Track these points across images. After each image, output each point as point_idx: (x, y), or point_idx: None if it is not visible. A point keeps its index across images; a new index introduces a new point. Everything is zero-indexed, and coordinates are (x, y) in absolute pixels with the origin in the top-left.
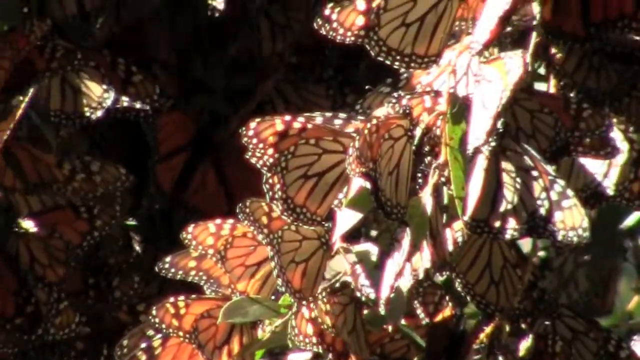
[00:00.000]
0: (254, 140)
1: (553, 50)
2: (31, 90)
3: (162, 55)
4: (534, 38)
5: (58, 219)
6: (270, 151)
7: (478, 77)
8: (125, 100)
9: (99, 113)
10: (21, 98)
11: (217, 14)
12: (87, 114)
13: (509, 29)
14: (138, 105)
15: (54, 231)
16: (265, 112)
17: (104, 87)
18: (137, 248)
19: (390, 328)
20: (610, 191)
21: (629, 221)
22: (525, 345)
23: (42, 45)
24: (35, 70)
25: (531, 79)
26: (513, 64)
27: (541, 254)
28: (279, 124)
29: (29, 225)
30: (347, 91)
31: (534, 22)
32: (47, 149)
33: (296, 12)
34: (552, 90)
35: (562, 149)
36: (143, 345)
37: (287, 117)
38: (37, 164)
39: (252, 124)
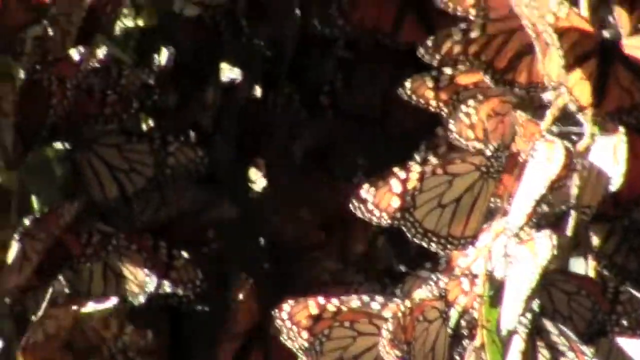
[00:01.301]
0: (288, 323)
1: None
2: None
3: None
4: (572, 219)
5: None
6: (305, 334)
7: (511, 258)
8: (167, 285)
9: (142, 298)
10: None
11: None
12: (129, 299)
13: (545, 209)
14: (180, 291)
15: None
16: None
17: (146, 271)
18: None
19: None
20: None
21: None
22: None
23: (78, 230)
24: (70, 255)
25: (568, 260)
26: (543, 246)
27: None
28: (312, 306)
29: None
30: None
31: (572, 203)
32: None
33: None
34: (591, 272)
35: (600, 330)
36: None
37: (321, 300)
38: None
39: (286, 307)
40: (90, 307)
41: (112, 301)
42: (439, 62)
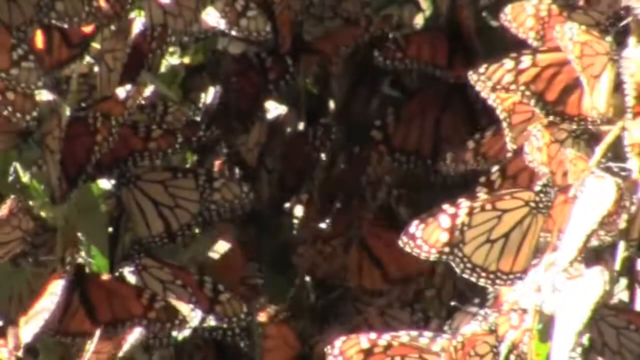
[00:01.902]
0: (340, 359)
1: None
2: None
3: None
4: (620, 252)
5: None
6: None
7: (561, 293)
8: (212, 319)
9: (186, 332)
10: None
11: None
12: (174, 333)
13: (595, 243)
14: (225, 325)
15: None
16: None
17: (191, 306)
18: None
19: None
20: None
21: None
22: None
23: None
24: (129, 312)
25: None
26: (594, 282)
27: None
28: (364, 342)
29: None
30: None
31: (619, 236)
32: None
33: None
34: (639, 304)
35: None
36: None
37: (373, 335)
38: None
39: (338, 343)
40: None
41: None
42: (490, 90)
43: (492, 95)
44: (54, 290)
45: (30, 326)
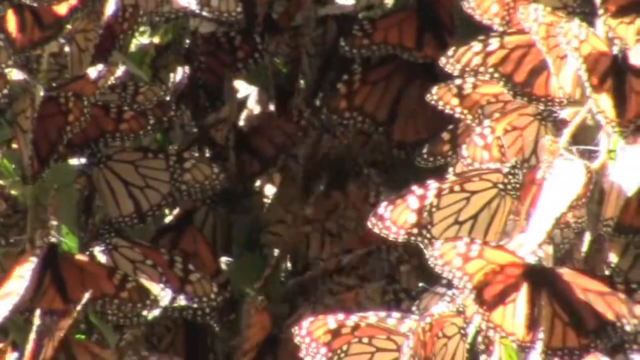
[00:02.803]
0: (307, 339)
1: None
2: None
3: None
4: (587, 236)
5: None
6: (323, 350)
7: None
8: (182, 299)
9: (156, 312)
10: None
11: None
12: (144, 312)
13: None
14: (195, 305)
15: None
16: None
17: (161, 285)
18: None
19: None
20: None
21: None
22: None
23: (112, 268)
24: (103, 293)
25: None
26: None
27: None
28: (331, 322)
29: None
30: None
31: (589, 222)
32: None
33: None
34: None
35: (617, 346)
36: None
37: (340, 316)
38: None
39: (305, 323)
40: None
41: None
42: (460, 72)
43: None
44: (23, 274)
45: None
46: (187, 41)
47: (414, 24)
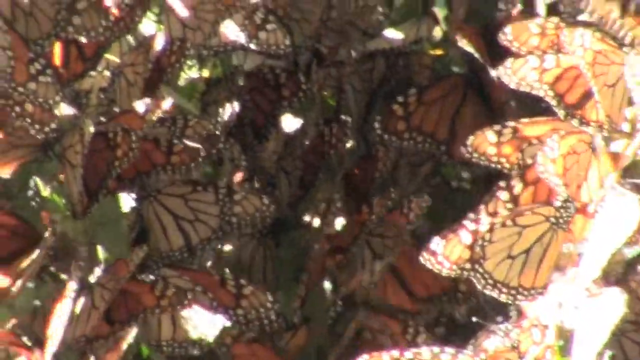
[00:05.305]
0: None
1: None
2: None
3: None
4: None
5: None
6: None
7: (582, 310)
8: (240, 315)
9: (210, 339)
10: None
11: None
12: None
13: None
14: (253, 315)
15: None
16: None
17: (214, 311)
18: None
19: None
20: None
21: None
22: None
23: (154, 281)
24: (143, 306)
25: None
26: (614, 301)
27: None
28: (386, 358)
29: None
30: None
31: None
32: None
33: None
34: None
35: None
36: None
37: (395, 352)
38: None
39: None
40: None
41: None
42: (516, 86)
43: None
44: (61, 313)
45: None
46: (237, 77)
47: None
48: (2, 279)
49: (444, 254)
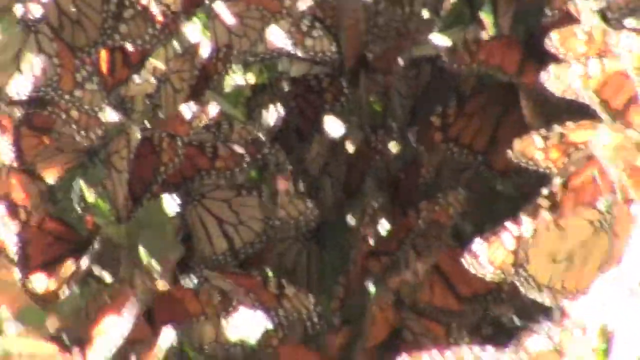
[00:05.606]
0: None
1: None
2: None
3: None
4: None
5: None
6: None
7: (624, 311)
8: (282, 316)
9: (253, 341)
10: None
11: None
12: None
13: None
14: (295, 316)
15: None
16: None
17: (258, 311)
18: None
19: None
20: None
21: None
22: None
23: (198, 287)
24: (187, 312)
25: None
26: None
27: None
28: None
29: None
30: None
31: None
32: None
33: None
34: None
35: None
36: None
37: (436, 354)
38: None
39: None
40: None
41: None
42: (561, 93)
43: None
44: (124, 321)
45: (97, 349)
46: (282, 84)
47: (519, 52)
48: (49, 283)
49: (488, 258)
